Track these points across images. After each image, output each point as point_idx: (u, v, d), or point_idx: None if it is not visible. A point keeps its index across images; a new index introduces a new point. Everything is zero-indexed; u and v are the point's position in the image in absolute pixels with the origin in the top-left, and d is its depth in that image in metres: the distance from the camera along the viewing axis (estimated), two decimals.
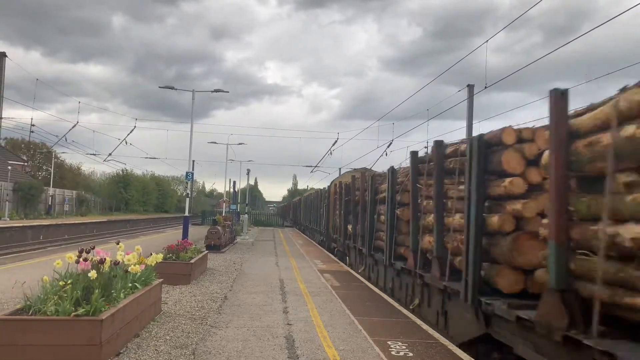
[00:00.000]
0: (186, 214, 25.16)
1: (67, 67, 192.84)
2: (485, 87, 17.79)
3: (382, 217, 13.31)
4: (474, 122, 30.63)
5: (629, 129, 4.39)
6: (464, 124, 31.10)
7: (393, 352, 6.88)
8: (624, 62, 28.51)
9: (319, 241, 31.03)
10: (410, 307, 10.24)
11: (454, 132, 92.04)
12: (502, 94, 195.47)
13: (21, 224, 32.59)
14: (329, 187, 27.54)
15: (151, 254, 8.54)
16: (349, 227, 18.93)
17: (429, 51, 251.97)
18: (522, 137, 7.01)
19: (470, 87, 30.22)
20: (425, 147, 11.48)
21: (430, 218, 9.27)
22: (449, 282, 8.13)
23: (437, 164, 9.15)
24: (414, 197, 10.50)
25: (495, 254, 6.90)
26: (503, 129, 7.12)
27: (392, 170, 12.57)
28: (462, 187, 7.90)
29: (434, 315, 9.15)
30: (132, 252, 7.58)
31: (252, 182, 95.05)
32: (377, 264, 14.15)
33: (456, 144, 8.85)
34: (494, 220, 6.93)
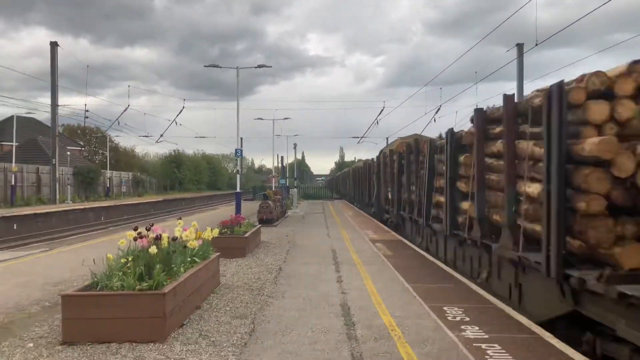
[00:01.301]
0: (238, 190, 25.69)
1: (115, 52, 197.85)
2: (536, 45, 17.14)
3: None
4: (524, 82, 29.59)
5: None
6: (514, 85, 30.12)
7: (449, 318, 6.87)
8: None
9: (348, 199, 49.47)
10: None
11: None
12: (554, 51, 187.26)
13: (83, 207, 34.14)
14: (349, 169, 46.94)
15: (207, 229, 8.79)
16: (355, 190, 40.57)
17: (475, 11, 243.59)
18: None
19: (520, 46, 29.11)
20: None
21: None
22: None
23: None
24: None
25: None
26: None
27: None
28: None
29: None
30: (189, 228, 7.84)
31: (299, 157, 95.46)
32: (357, 201, 35.13)
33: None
34: None
